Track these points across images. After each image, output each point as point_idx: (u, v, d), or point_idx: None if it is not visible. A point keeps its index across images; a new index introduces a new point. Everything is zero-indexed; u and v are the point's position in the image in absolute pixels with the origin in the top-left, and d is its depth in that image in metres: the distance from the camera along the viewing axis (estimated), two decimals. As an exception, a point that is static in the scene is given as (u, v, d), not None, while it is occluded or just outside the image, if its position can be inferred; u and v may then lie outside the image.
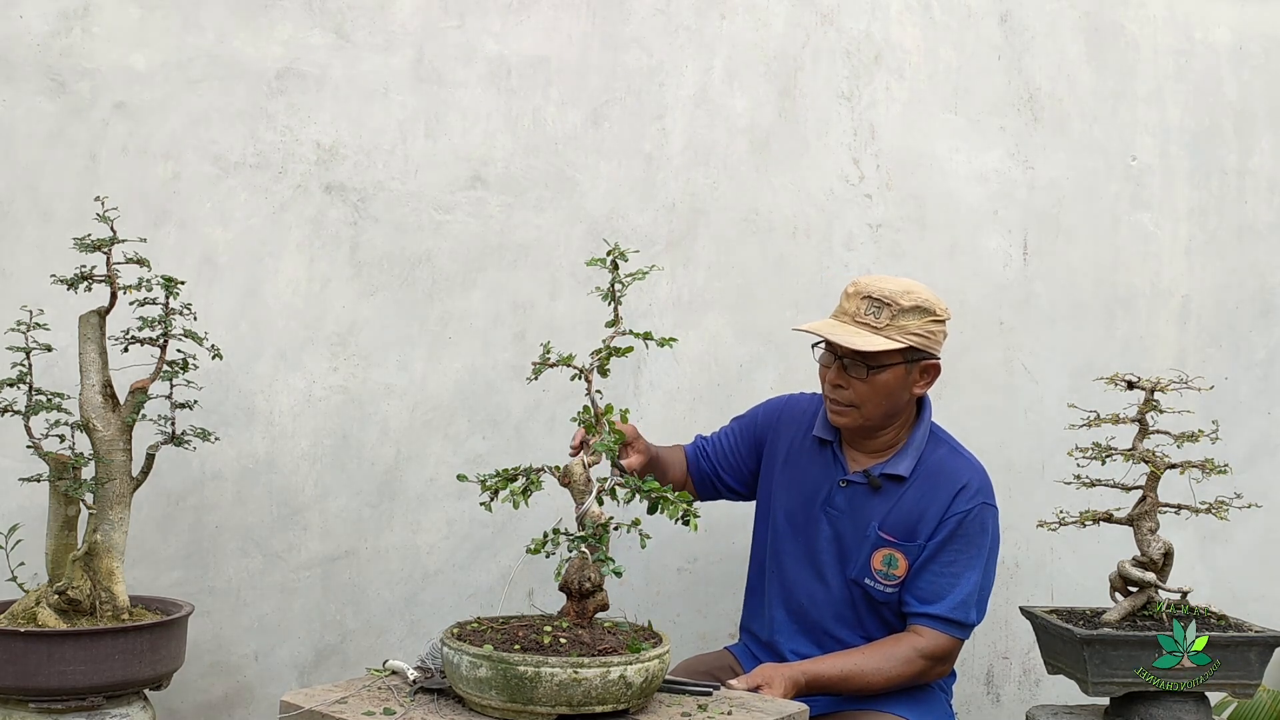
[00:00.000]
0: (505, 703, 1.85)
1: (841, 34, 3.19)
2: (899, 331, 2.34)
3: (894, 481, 2.44)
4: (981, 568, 2.41)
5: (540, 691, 1.82)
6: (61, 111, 2.76)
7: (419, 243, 2.96)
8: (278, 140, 2.88)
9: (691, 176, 3.10)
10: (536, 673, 1.82)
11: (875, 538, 2.42)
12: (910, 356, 2.37)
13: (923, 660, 2.37)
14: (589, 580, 2.00)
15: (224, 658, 2.84)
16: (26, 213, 2.74)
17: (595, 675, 1.83)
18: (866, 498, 2.45)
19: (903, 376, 2.38)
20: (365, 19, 2.94)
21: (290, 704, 1.94)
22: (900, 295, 2.35)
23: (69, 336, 2.38)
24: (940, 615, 2.38)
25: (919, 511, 2.41)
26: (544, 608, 2.19)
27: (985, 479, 2.46)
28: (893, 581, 2.41)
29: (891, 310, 2.34)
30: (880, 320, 2.33)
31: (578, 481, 2.04)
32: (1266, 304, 3.33)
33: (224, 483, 2.84)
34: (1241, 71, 3.34)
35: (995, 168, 3.24)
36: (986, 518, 2.42)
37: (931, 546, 2.40)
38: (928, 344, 2.37)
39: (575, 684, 1.82)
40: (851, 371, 2.37)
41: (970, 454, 2.51)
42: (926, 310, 2.36)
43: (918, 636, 2.38)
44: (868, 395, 2.37)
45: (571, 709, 1.84)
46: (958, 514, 2.39)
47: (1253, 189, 3.33)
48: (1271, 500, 3.12)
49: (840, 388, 2.39)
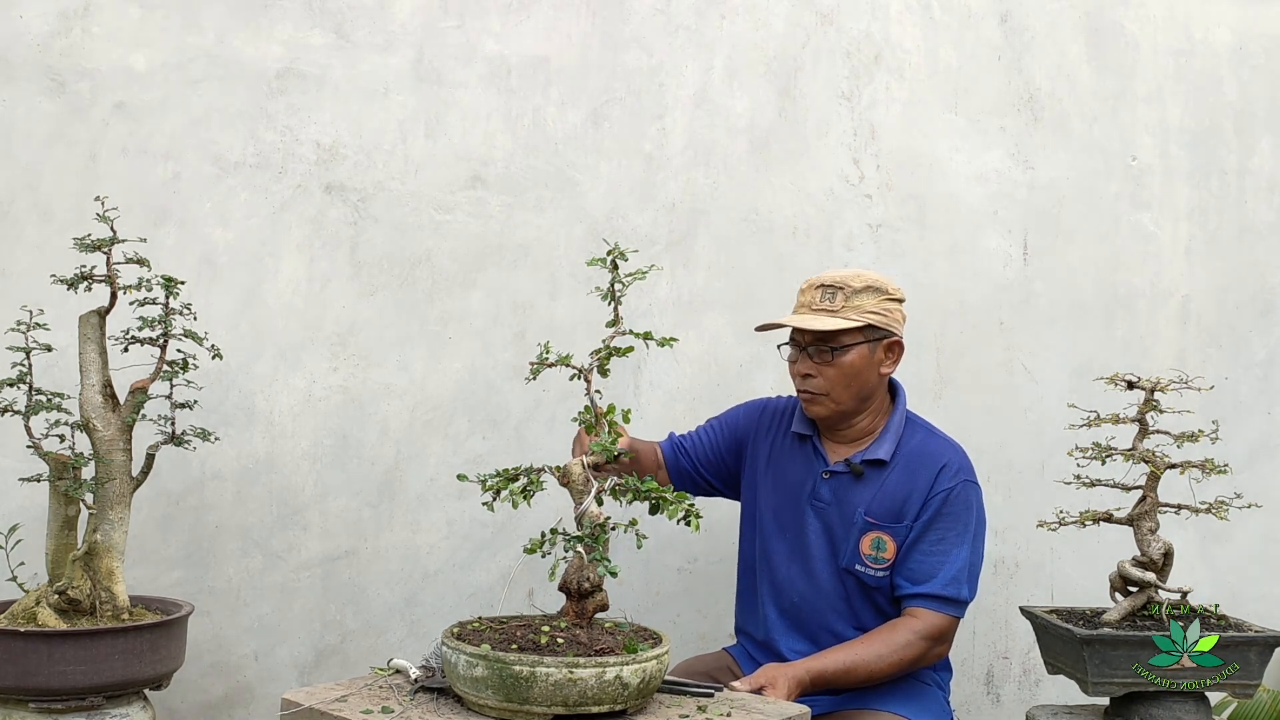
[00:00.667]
0: (501, 702, 1.85)
1: (841, 34, 3.19)
2: (855, 311, 2.40)
3: (876, 467, 2.47)
4: (969, 544, 2.44)
5: (536, 691, 1.82)
6: (61, 111, 2.76)
7: (419, 243, 2.96)
8: (278, 140, 2.88)
9: (691, 176, 3.10)
10: (532, 673, 1.82)
11: (862, 523, 2.45)
12: (871, 335, 2.43)
13: (922, 642, 2.38)
14: (588, 580, 2.01)
15: (224, 658, 2.84)
16: (26, 213, 2.75)
17: (591, 675, 1.83)
18: (850, 486, 2.48)
19: (867, 356, 2.43)
20: (365, 19, 2.94)
21: (291, 701, 1.95)
22: (851, 278, 2.44)
23: (69, 336, 2.38)
24: (933, 594, 2.40)
25: (904, 493, 2.45)
26: (544, 608, 2.19)
27: (965, 458, 2.50)
28: (882, 565, 2.44)
29: (845, 293, 2.42)
30: (835, 304, 2.42)
31: (576, 481, 2.05)
32: (1266, 304, 3.33)
33: (224, 483, 2.84)
34: (1241, 71, 3.34)
35: (995, 168, 3.24)
36: (970, 494, 2.46)
37: (918, 527, 2.43)
38: (886, 321, 2.44)
39: (571, 684, 1.82)
40: (817, 358, 2.43)
41: (948, 436, 2.55)
42: (879, 289, 2.44)
43: (914, 619, 2.40)
44: (836, 379, 2.43)
45: (568, 709, 1.84)
46: (941, 492, 2.44)
47: (1253, 189, 3.33)
48: (1271, 500, 3.12)
49: (810, 376, 2.45)
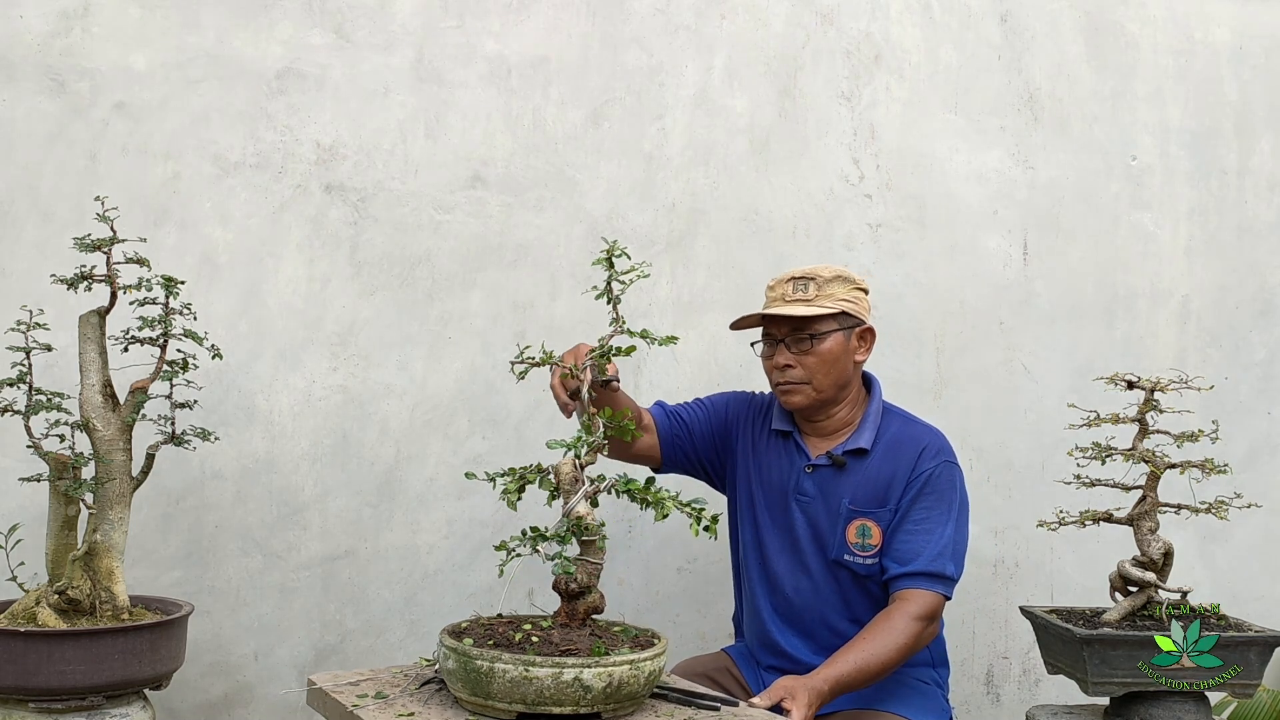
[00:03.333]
0: (469, 696, 1.88)
1: (841, 34, 3.19)
2: (829, 299, 2.46)
3: (857, 456, 2.50)
4: (954, 522, 2.46)
5: (495, 687, 1.83)
6: (61, 111, 2.76)
7: (419, 243, 2.96)
8: (278, 140, 2.88)
9: (691, 176, 3.10)
10: (491, 668, 1.83)
11: (847, 512, 2.48)
12: (845, 323, 2.48)
13: (917, 623, 2.39)
14: (575, 581, 1.99)
15: (224, 658, 2.84)
16: (26, 213, 2.74)
17: (547, 675, 1.82)
18: (834, 478, 2.50)
19: (843, 343, 2.47)
20: (365, 19, 2.94)
21: (311, 682, 2.11)
22: (820, 269, 2.49)
23: (69, 336, 2.38)
24: (919, 571, 2.41)
25: (886, 478, 2.48)
26: (544, 608, 2.19)
27: (944, 440, 2.54)
28: (869, 552, 2.46)
29: (817, 283, 2.47)
30: (810, 293, 2.46)
31: (565, 480, 2.02)
32: (1266, 304, 3.33)
33: (224, 483, 2.84)
34: (1241, 71, 3.34)
35: (995, 168, 3.24)
36: (953, 474, 2.49)
37: (903, 507, 2.46)
38: (857, 309, 2.49)
39: (526, 682, 1.82)
40: (795, 348, 2.46)
41: (926, 422, 2.58)
42: (847, 279, 2.50)
43: (905, 602, 2.40)
44: (816, 367, 2.46)
45: (527, 707, 1.84)
46: (923, 473, 2.46)
47: (1253, 189, 3.33)
48: (1271, 500, 3.12)
49: (789, 367, 2.47)
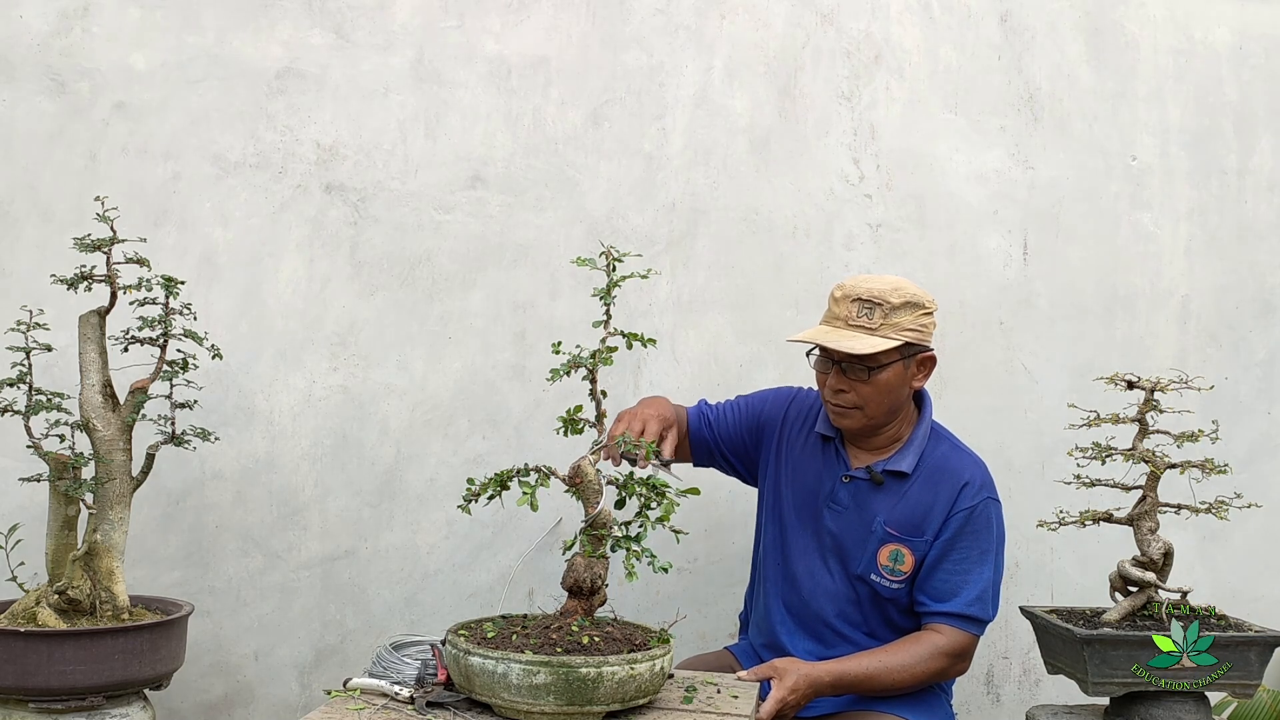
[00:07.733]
0: (562, 706, 1.85)
1: (841, 34, 3.19)
2: (894, 329, 2.34)
3: (897, 478, 2.44)
4: (992, 563, 2.42)
5: (601, 691, 1.85)
6: (61, 111, 2.76)
7: (419, 243, 2.96)
8: (278, 140, 2.88)
9: (691, 176, 3.10)
10: (599, 674, 1.85)
11: (882, 533, 2.43)
12: (906, 352, 2.38)
13: (944, 658, 2.37)
14: (599, 578, 2.02)
15: (224, 658, 2.84)
16: (26, 213, 2.75)
17: (645, 670, 1.90)
18: (870, 493, 2.45)
19: (901, 372, 2.39)
20: (365, 19, 2.94)
21: None
22: (890, 293, 2.35)
23: (69, 336, 2.38)
24: (957, 613, 2.38)
25: (924, 507, 2.42)
26: (544, 607, 2.19)
27: (987, 474, 2.47)
28: (899, 578, 2.42)
29: (884, 310, 2.34)
30: (874, 321, 2.34)
31: (591, 483, 2.02)
32: (1266, 304, 3.32)
33: (224, 483, 2.84)
34: (1241, 71, 3.34)
35: (995, 168, 3.24)
36: (991, 513, 2.43)
37: (940, 545, 2.40)
38: (921, 337, 2.38)
39: (630, 680, 1.87)
40: (851, 374, 2.37)
41: (971, 450, 2.52)
42: (916, 304, 2.37)
43: (938, 635, 2.38)
44: (871, 395, 2.38)
45: (623, 705, 1.89)
46: (963, 510, 2.40)
47: (1253, 189, 3.33)
48: (1271, 500, 3.12)
49: (842, 391, 2.39)
